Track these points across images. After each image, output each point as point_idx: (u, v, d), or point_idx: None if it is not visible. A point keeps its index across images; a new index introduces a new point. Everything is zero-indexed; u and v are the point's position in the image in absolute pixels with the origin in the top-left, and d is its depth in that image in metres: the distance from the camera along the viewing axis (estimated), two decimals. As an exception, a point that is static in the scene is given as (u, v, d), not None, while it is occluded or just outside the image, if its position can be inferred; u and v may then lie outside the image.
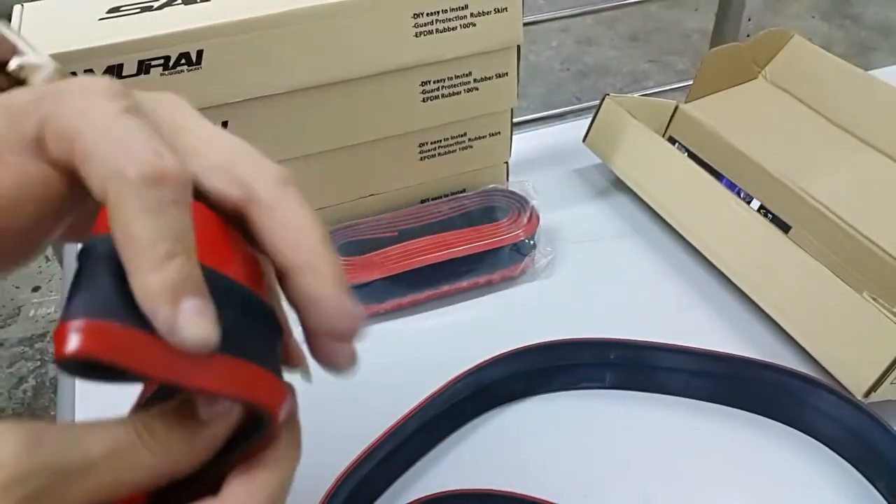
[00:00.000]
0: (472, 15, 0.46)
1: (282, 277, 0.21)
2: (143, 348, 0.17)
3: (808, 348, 0.42)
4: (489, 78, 0.50)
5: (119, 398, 0.22)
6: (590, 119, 0.58)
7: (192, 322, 0.18)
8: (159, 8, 0.43)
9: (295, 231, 0.21)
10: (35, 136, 0.19)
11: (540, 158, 0.62)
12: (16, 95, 0.20)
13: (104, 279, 0.18)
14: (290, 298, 0.21)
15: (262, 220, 0.20)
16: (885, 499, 0.37)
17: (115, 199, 0.18)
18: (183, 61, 0.41)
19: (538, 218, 0.50)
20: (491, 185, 0.53)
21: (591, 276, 0.51)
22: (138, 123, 0.19)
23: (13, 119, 0.20)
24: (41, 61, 0.24)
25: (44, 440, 0.17)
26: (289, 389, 0.21)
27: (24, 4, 0.44)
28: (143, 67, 0.41)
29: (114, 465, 0.18)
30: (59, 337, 0.16)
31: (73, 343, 0.16)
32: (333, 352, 0.23)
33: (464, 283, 0.49)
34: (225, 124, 0.45)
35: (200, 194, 0.20)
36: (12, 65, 0.24)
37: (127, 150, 0.18)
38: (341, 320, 0.21)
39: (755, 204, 0.53)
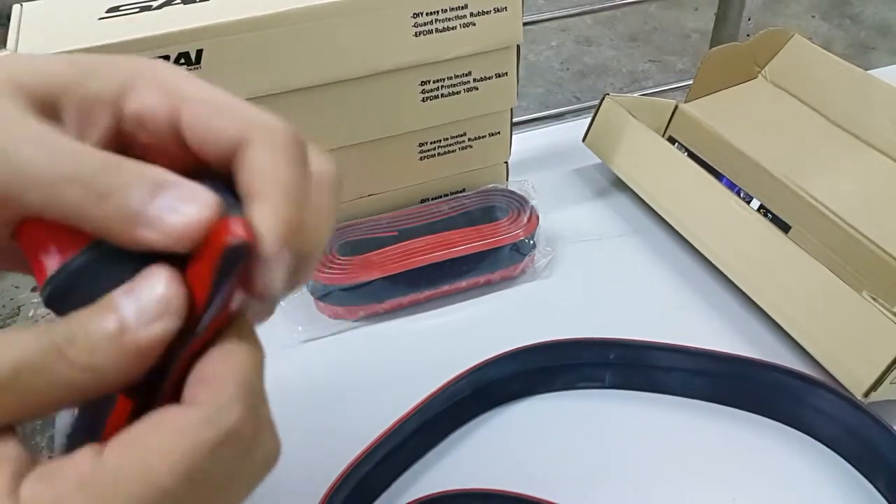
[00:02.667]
0: (471, 14, 0.46)
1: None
2: None
3: (807, 348, 0.42)
4: (489, 78, 0.50)
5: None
6: (589, 119, 0.58)
7: (280, 269, 0.19)
8: (158, 7, 0.43)
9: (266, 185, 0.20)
10: (116, 92, 0.20)
11: (540, 158, 0.62)
12: (79, 56, 0.20)
13: None
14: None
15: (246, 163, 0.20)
16: (885, 498, 0.37)
17: (264, 146, 0.19)
18: (182, 61, 0.41)
19: (538, 218, 0.50)
20: (491, 185, 0.53)
21: (590, 276, 0.51)
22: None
23: (86, 72, 0.20)
24: None
25: None
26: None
27: (24, 4, 0.44)
28: (143, 67, 0.41)
29: (29, 381, 0.16)
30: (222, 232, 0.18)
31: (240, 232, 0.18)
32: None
33: (464, 283, 0.49)
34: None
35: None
36: None
37: (259, 111, 0.20)
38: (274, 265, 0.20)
39: (755, 204, 0.53)
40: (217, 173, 0.20)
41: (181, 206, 0.18)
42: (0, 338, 0.17)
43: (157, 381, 0.18)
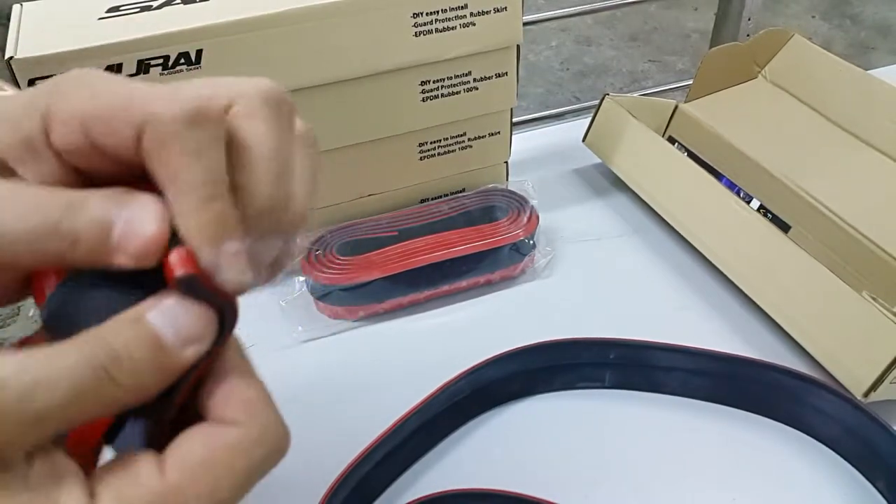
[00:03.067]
0: (471, 14, 0.46)
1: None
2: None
3: (807, 348, 0.42)
4: (489, 78, 0.50)
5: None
6: (589, 119, 0.58)
7: (232, 264, 0.19)
8: (158, 7, 0.43)
9: (251, 151, 0.20)
10: (40, 129, 0.19)
11: (539, 158, 0.62)
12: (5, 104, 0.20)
13: None
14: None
15: (234, 136, 0.20)
16: (885, 498, 0.37)
17: (156, 142, 0.18)
18: (182, 61, 0.41)
19: (538, 218, 0.50)
20: (490, 185, 0.53)
21: (590, 276, 0.51)
22: (142, 83, 0.19)
23: (12, 124, 0.20)
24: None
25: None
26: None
27: (24, 4, 0.44)
28: (143, 67, 0.41)
29: (81, 404, 0.17)
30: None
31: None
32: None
33: (463, 283, 0.49)
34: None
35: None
36: None
37: (155, 98, 0.19)
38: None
39: (755, 203, 0.53)
40: None
41: (137, 225, 0.18)
42: (40, 358, 0.17)
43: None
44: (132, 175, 0.20)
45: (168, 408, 0.19)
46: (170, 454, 0.18)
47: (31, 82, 0.39)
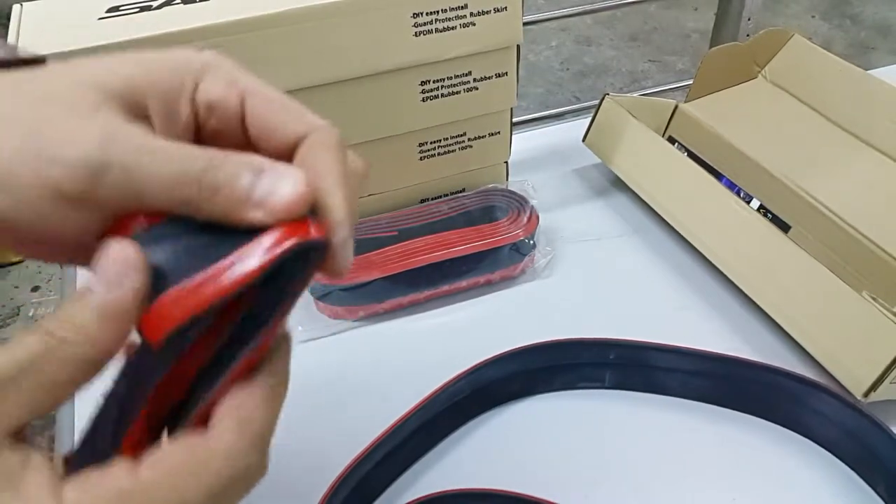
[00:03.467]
0: (471, 14, 0.46)
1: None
2: None
3: (807, 348, 0.42)
4: (489, 78, 0.50)
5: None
6: (589, 119, 0.58)
7: (350, 246, 0.21)
8: (158, 7, 0.43)
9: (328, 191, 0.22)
10: (190, 85, 0.22)
11: (539, 158, 0.62)
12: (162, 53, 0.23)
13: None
14: None
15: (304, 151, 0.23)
16: (885, 501, 0.37)
17: (323, 145, 0.22)
18: (182, 61, 0.41)
19: (538, 218, 0.50)
20: (490, 185, 0.53)
21: (590, 276, 0.51)
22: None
23: (158, 69, 0.22)
24: None
25: None
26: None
27: (24, 4, 0.44)
28: (143, 67, 0.41)
29: (39, 371, 0.18)
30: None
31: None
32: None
33: (463, 283, 0.49)
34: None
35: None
36: None
37: (311, 114, 0.23)
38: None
39: (755, 203, 0.53)
40: None
41: (280, 187, 0.20)
42: (10, 344, 0.18)
43: (195, 387, 0.20)
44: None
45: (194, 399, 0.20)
46: (151, 454, 0.19)
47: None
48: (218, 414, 0.20)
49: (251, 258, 0.19)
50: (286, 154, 0.22)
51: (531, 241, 0.49)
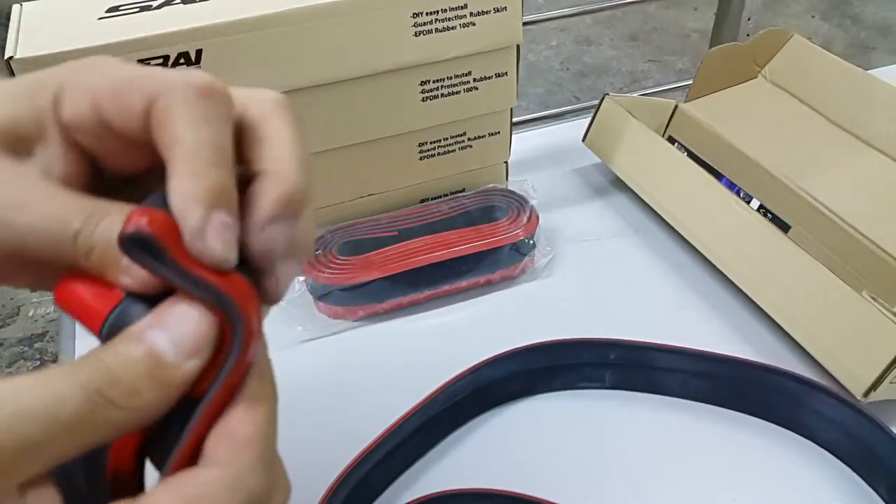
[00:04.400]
0: (471, 14, 0.46)
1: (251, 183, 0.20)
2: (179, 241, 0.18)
3: (807, 348, 0.42)
4: (488, 77, 0.50)
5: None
6: (589, 119, 0.58)
7: (219, 234, 0.18)
8: (158, 7, 0.43)
9: (273, 142, 0.20)
10: (51, 104, 0.20)
11: (539, 158, 0.62)
12: (26, 76, 0.21)
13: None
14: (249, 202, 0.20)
15: (250, 133, 0.20)
16: (886, 502, 0.37)
17: (165, 108, 0.18)
18: (182, 61, 0.41)
19: (538, 217, 0.50)
20: (490, 185, 0.53)
21: (590, 276, 0.51)
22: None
23: (26, 99, 0.20)
24: None
25: None
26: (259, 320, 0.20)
27: (24, 4, 0.44)
28: (143, 67, 0.41)
29: (76, 432, 0.16)
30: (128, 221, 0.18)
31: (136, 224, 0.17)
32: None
33: (463, 283, 0.49)
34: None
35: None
36: None
37: (168, 73, 0.19)
38: (286, 242, 0.20)
39: (755, 203, 0.53)
40: None
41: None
42: (25, 385, 0.16)
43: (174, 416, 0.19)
44: (138, 165, 0.21)
45: (177, 433, 0.18)
46: (147, 497, 0.17)
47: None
48: (209, 445, 0.18)
49: None
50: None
51: (531, 241, 0.49)
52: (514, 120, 0.54)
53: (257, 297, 0.20)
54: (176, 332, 0.18)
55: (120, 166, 0.21)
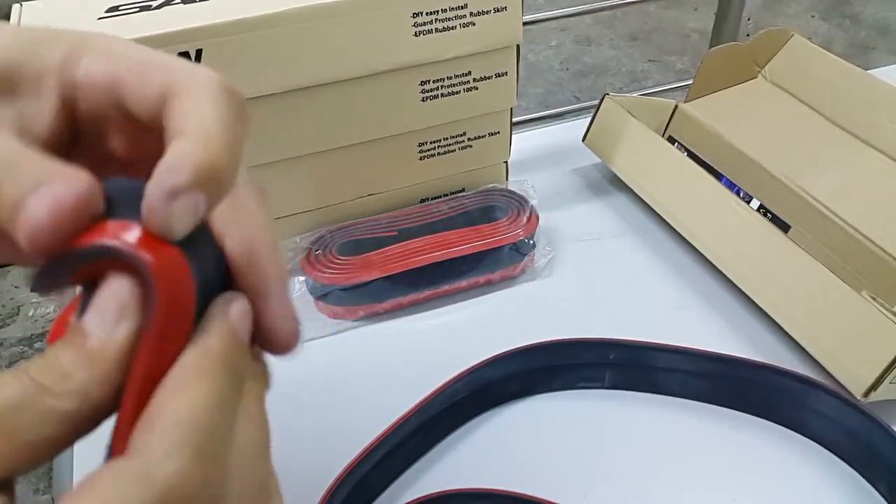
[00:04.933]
0: (471, 14, 0.46)
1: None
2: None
3: (807, 348, 0.42)
4: (488, 77, 0.50)
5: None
6: (589, 118, 0.58)
7: (187, 212, 0.17)
8: (158, 7, 0.43)
9: (199, 113, 0.19)
10: (62, 61, 0.19)
11: (539, 158, 0.62)
12: (25, 28, 0.20)
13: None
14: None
15: (171, 101, 0.19)
16: (887, 501, 0.37)
17: (190, 93, 0.18)
18: (182, 61, 0.41)
19: (537, 217, 0.50)
20: (490, 185, 0.53)
21: (590, 276, 0.51)
22: None
23: (32, 43, 0.19)
24: None
25: None
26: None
27: (24, 4, 0.44)
28: (143, 67, 0.41)
29: (15, 421, 0.15)
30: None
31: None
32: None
33: (463, 283, 0.49)
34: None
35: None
36: None
37: (191, 63, 0.19)
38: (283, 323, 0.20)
39: (755, 203, 0.53)
40: None
41: (31, 209, 0.16)
42: None
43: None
44: (119, 147, 0.20)
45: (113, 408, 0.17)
46: (68, 495, 0.15)
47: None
48: (136, 430, 0.16)
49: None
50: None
51: (531, 241, 0.49)
52: (514, 120, 0.54)
53: (189, 271, 0.18)
54: (97, 303, 0.17)
55: (102, 143, 0.21)
